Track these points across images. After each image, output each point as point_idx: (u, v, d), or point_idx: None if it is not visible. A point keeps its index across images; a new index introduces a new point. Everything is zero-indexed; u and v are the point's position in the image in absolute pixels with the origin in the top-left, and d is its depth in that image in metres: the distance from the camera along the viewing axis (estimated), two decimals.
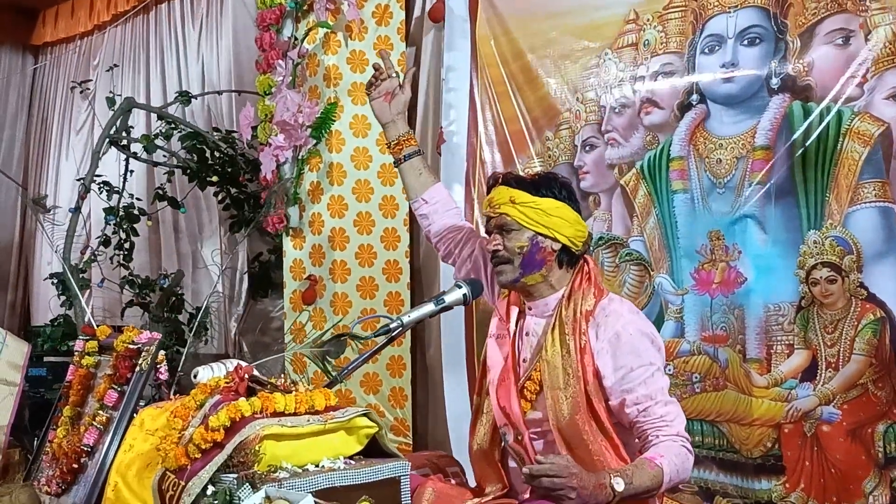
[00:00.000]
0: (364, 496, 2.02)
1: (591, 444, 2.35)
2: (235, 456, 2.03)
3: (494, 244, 2.47)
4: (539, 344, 2.47)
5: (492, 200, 2.49)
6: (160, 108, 5.24)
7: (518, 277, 2.47)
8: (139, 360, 2.55)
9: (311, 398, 2.18)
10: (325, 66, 4.16)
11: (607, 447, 2.36)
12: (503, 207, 2.45)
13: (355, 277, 4.18)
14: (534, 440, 2.47)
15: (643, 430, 2.33)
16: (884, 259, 2.86)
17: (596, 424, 2.37)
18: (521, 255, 2.44)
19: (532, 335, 2.52)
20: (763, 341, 3.14)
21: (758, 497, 3.16)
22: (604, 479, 2.15)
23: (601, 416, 2.37)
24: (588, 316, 2.41)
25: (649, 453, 2.25)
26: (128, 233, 5.21)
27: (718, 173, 3.26)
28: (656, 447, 2.27)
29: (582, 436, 2.35)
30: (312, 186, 4.21)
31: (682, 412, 2.34)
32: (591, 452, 2.34)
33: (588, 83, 3.68)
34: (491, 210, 2.49)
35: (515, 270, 2.46)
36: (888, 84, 2.85)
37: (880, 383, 2.87)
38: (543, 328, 2.48)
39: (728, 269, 3.24)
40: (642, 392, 2.32)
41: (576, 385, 2.37)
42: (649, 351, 2.38)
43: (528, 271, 2.46)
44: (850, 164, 2.92)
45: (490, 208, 2.49)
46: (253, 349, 5.40)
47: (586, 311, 2.42)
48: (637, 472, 2.19)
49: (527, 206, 2.43)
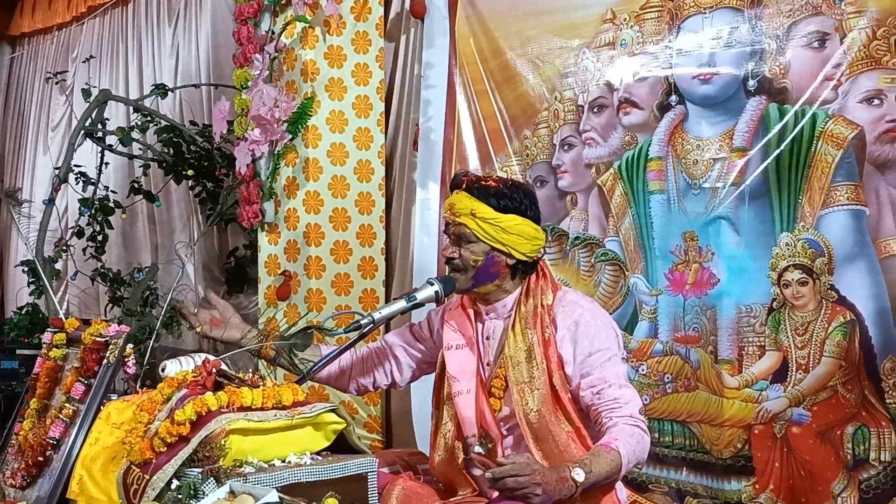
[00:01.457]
0: (330, 492, 2.00)
1: (558, 435, 2.36)
2: (201, 450, 2.01)
3: (451, 252, 2.47)
4: (500, 343, 2.48)
5: (453, 207, 2.47)
6: (136, 100, 5.20)
7: (470, 287, 2.48)
8: (107, 353, 2.52)
9: (278, 393, 2.17)
10: (303, 61, 4.14)
11: (574, 438, 2.37)
12: (462, 218, 2.44)
13: (330, 274, 4.16)
14: (504, 437, 2.47)
15: (598, 412, 2.32)
16: (855, 262, 2.87)
17: (563, 415, 2.38)
18: (475, 268, 2.45)
19: (492, 338, 2.53)
20: (735, 342, 3.15)
21: (727, 498, 3.17)
22: (564, 472, 2.13)
23: (567, 407, 2.38)
24: (549, 309, 2.44)
25: (604, 439, 2.25)
26: (102, 225, 5.17)
27: (694, 174, 3.27)
28: (610, 431, 2.26)
29: (549, 427, 2.35)
30: (288, 181, 4.19)
31: (637, 396, 2.35)
32: (559, 444, 2.35)
33: (566, 82, 3.68)
34: (451, 216, 2.47)
35: (468, 280, 2.47)
36: (862, 87, 2.86)
37: (849, 385, 2.88)
38: (503, 327, 2.50)
39: (701, 270, 3.24)
40: (597, 375, 2.34)
41: (540, 377, 2.38)
42: (606, 337, 2.41)
43: (481, 282, 2.48)
44: (824, 166, 2.93)
45: (450, 214, 2.48)
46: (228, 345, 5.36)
47: (547, 304, 2.45)
48: (595, 460, 2.18)
49: (487, 221, 2.42)
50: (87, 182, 5.12)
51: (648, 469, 3.37)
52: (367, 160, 4.24)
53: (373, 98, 4.27)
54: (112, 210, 5.24)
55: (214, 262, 5.74)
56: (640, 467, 3.33)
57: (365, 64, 4.24)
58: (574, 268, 3.60)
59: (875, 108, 2.83)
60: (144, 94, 5.34)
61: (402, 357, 2.75)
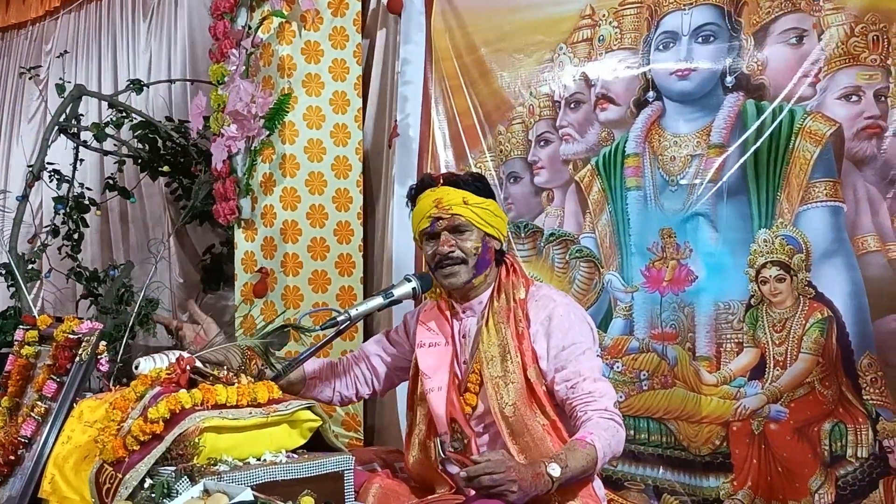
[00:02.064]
0: (306, 491, 1.98)
1: (534, 429, 2.36)
2: (174, 448, 2.00)
3: (448, 247, 2.45)
4: (476, 340, 2.48)
5: (440, 202, 2.45)
6: (111, 96, 5.15)
7: (471, 278, 2.48)
8: (79, 351, 2.49)
9: (253, 391, 2.15)
10: (280, 57, 4.11)
11: (550, 431, 2.37)
12: (456, 209, 2.44)
13: (307, 271, 4.14)
14: (480, 434, 2.46)
15: (573, 406, 2.33)
16: (832, 258, 2.87)
17: (538, 408, 2.38)
18: (476, 256, 2.46)
19: (468, 336, 2.53)
20: (713, 339, 3.15)
21: (705, 495, 3.17)
22: (540, 468, 2.13)
23: (542, 401, 2.38)
24: (523, 304, 2.45)
25: (579, 433, 2.24)
26: (77, 223, 5.12)
27: (672, 171, 3.26)
28: (585, 425, 2.26)
29: (525, 421, 2.35)
30: (265, 178, 4.16)
31: (612, 390, 2.35)
32: (535, 438, 2.35)
33: (542, 77, 3.66)
34: (441, 211, 2.45)
35: (470, 271, 2.47)
36: (840, 84, 2.86)
37: (827, 382, 2.89)
38: (477, 324, 2.50)
39: (679, 267, 3.24)
40: (571, 369, 2.34)
41: (515, 372, 2.39)
42: (580, 331, 2.42)
43: (480, 271, 2.49)
44: (802, 163, 2.93)
45: (439, 209, 2.45)
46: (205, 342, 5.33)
47: (520, 299, 2.46)
48: (571, 455, 2.17)
49: (478, 206, 2.45)
50: (61, 179, 5.07)
51: (625, 467, 3.37)
52: (345, 156, 4.22)
53: (350, 94, 4.25)
54: (87, 208, 5.18)
55: (191, 260, 5.70)
56: (615, 464, 3.33)
57: (342, 60, 4.22)
58: (548, 264, 3.59)
59: (853, 104, 2.84)
60: (119, 90, 5.28)
61: (378, 366, 2.74)
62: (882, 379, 2.78)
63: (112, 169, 5.52)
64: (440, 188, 2.48)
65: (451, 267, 2.46)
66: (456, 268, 2.46)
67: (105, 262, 6.02)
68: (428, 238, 2.50)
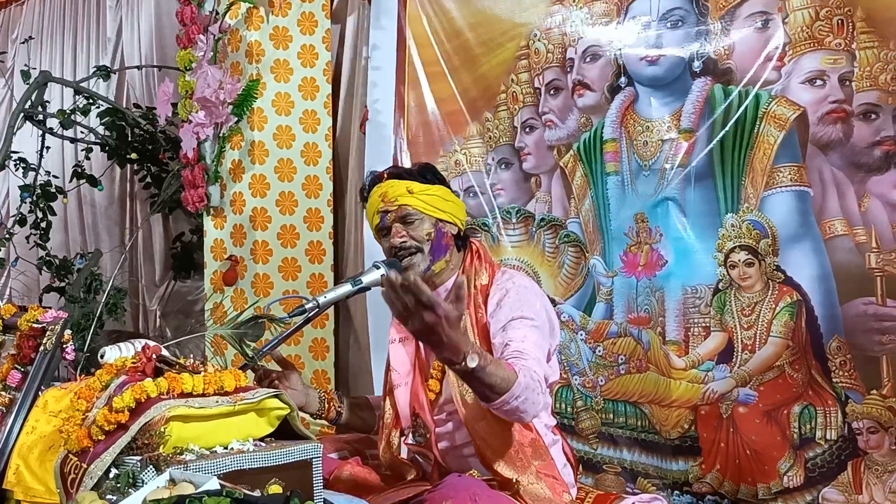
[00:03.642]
0: (274, 479, 1.97)
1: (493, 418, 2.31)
2: (140, 438, 1.97)
3: (400, 237, 2.44)
4: None
5: (386, 195, 2.45)
6: (77, 82, 5.09)
7: (429, 266, 2.46)
8: (44, 340, 2.46)
9: (220, 379, 2.12)
10: (248, 42, 4.08)
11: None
12: (402, 199, 2.43)
13: (277, 258, 4.12)
14: (444, 422, 2.45)
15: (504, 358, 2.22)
16: (800, 243, 2.88)
17: None
18: (430, 242, 2.44)
19: None
20: (681, 323, 3.16)
21: (675, 478, 3.19)
22: (466, 347, 1.98)
23: None
24: (484, 290, 2.43)
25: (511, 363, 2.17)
26: (44, 211, 5.07)
27: (644, 156, 3.27)
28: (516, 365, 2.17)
29: (486, 410, 2.33)
30: (234, 165, 4.13)
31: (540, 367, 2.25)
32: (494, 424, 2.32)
33: (521, 64, 3.65)
34: (387, 205, 2.45)
35: (426, 259, 2.45)
36: (805, 68, 2.86)
37: (797, 365, 2.90)
38: None
39: (651, 252, 3.25)
40: (512, 334, 2.29)
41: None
42: (532, 308, 2.37)
43: (438, 257, 2.46)
44: (766, 148, 2.93)
45: (385, 203, 2.45)
46: (175, 331, 5.32)
47: (482, 285, 2.44)
48: (495, 364, 2.07)
49: (424, 193, 2.44)
50: (27, 168, 5.01)
51: (603, 449, 3.39)
52: (314, 143, 4.20)
53: (319, 80, 4.23)
54: (55, 196, 5.14)
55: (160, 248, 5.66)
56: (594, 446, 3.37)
57: (311, 45, 4.20)
58: (539, 249, 3.59)
59: (818, 88, 2.84)
60: (86, 76, 5.22)
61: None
62: (851, 362, 2.80)
63: (79, 156, 5.46)
64: (384, 182, 2.48)
65: (408, 258, 2.44)
66: (412, 258, 2.44)
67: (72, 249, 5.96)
68: (382, 234, 2.51)
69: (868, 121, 2.74)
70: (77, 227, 6.23)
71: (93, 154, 5.36)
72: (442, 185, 2.51)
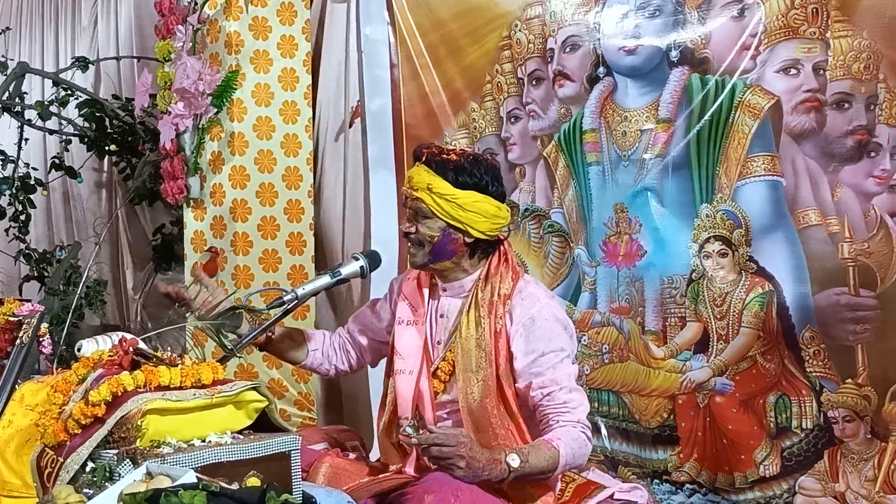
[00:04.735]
0: (252, 472, 1.96)
1: (497, 427, 2.35)
2: (116, 431, 1.97)
3: (408, 227, 2.44)
4: (455, 325, 2.44)
5: (411, 180, 2.42)
6: (55, 73, 5.06)
7: (426, 263, 2.45)
8: (20, 333, 2.46)
9: (197, 372, 2.12)
10: (227, 33, 4.06)
11: (513, 431, 2.36)
12: (419, 193, 2.38)
13: (258, 250, 4.11)
14: (443, 420, 2.45)
15: (545, 414, 2.32)
16: (773, 233, 2.90)
17: (504, 408, 2.37)
18: (432, 244, 2.40)
19: (447, 317, 2.48)
20: (659, 314, 3.18)
21: (654, 467, 3.22)
22: (499, 455, 2.15)
23: (510, 401, 2.36)
24: (506, 299, 2.39)
25: (548, 436, 2.26)
26: (24, 204, 5.05)
27: (623, 146, 3.28)
28: (555, 431, 2.27)
29: (490, 419, 2.35)
30: (213, 156, 4.11)
31: (586, 401, 2.34)
32: (498, 436, 2.34)
33: (504, 55, 3.66)
34: (409, 190, 2.43)
35: (425, 256, 2.43)
36: (780, 57, 2.87)
37: (769, 355, 2.92)
38: (459, 309, 2.45)
39: (630, 242, 3.26)
40: (549, 377, 2.32)
41: (487, 368, 2.36)
42: (561, 337, 2.37)
43: (437, 259, 2.43)
44: (741, 137, 2.95)
45: (408, 188, 2.43)
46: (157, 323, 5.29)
47: (504, 294, 2.40)
48: (533, 452, 2.20)
49: (443, 197, 2.36)
50: (5, 160, 4.98)
51: None
52: (295, 134, 4.18)
53: (300, 71, 4.20)
54: (34, 188, 5.11)
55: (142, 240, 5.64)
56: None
57: (291, 36, 4.17)
58: (525, 239, 3.60)
59: (792, 77, 2.85)
60: (64, 67, 5.19)
61: (364, 341, 2.72)
62: (825, 352, 2.82)
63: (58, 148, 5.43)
64: (417, 166, 2.42)
65: (411, 247, 2.45)
66: (413, 249, 2.44)
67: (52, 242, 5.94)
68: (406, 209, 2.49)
69: (841, 110, 2.76)
70: (62, 219, 6.19)
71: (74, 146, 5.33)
72: (475, 191, 2.37)
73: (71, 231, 6.06)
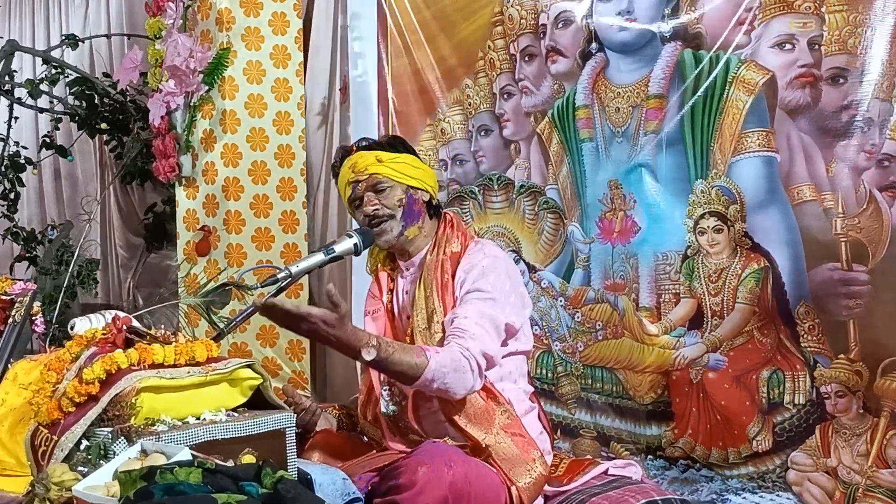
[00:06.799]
0: (247, 449, 1.96)
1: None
2: (111, 409, 1.97)
3: (372, 206, 2.46)
4: (412, 295, 2.48)
5: (356, 166, 2.48)
6: (45, 51, 5.02)
7: (402, 231, 2.48)
8: (12, 312, 2.45)
9: (191, 349, 2.12)
10: (218, 10, 4.03)
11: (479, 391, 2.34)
12: (371, 168, 2.46)
13: (250, 228, 4.10)
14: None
15: (445, 336, 2.31)
16: (767, 208, 2.89)
17: None
18: (401, 208, 2.47)
19: (410, 293, 2.52)
20: (654, 290, 3.18)
21: (648, 443, 3.22)
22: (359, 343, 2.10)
23: None
24: (455, 257, 2.45)
25: (428, 347, 2.23)
26: (13, 182, 5.02)
27: (616, 122, 3.27)
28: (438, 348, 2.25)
29: None
30: (205, 134, 4.10)
31: (487, 340, 2.28)
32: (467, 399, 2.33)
33: (496, 31, 3.64)
34: (357, 175, 2.48)
35: (398, 224, 2.47)
36: (774, 32, 2.84)
37: (765, 330, 2.92)
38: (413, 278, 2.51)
39: (625, 218, 3.25)
40: (463, 309, 2.32)
41: (439, 323, 2.38)
42: (495, 283, 2.37)
43: (410, 222, 2.49)
44: (735, 113, 2.93)
45: (356, 173, 2.48)
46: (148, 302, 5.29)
47: (452, 252, 2.46)
48: (399, 352, 2.15)
49: (394, 161, 2.48)
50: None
51: (580, 414, 3.42)
52: (286, 111, 4.17)
53: (291, 48, 4.19)
54: (23, 167, 5.09)
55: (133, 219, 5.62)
56: (572, 411, 3.42)
57: (282, 13, 4.15)
58: (520, 216, 3.59)
59: (787, 52, 2.83)
60: (54, 45, 5.15)
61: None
62: (819, 327, 2.82)
63: (48, 127, 5.41)
64: (354, 154, 2.51)
65: (381, 225, 2.47)
66: (384, 224, 2.47)
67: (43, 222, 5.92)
68: (355, 205, 2.53)
69: (836, 85, 2.74)
70: (52, 199, 6.17)
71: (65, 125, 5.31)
72: (410, 153, 2.55)
73: (62, 210, 6.04)
